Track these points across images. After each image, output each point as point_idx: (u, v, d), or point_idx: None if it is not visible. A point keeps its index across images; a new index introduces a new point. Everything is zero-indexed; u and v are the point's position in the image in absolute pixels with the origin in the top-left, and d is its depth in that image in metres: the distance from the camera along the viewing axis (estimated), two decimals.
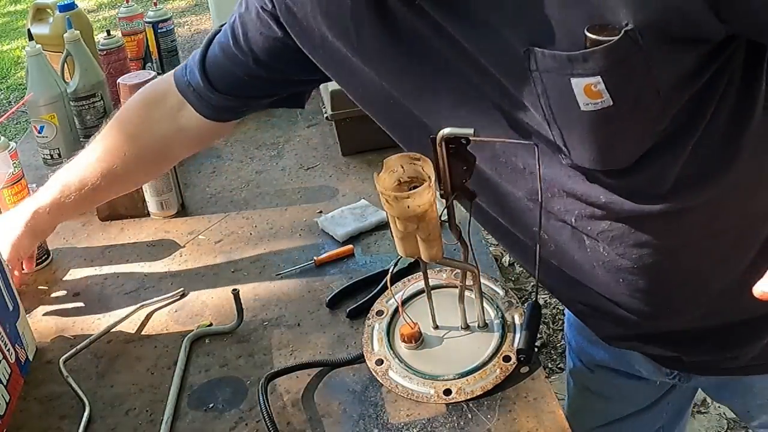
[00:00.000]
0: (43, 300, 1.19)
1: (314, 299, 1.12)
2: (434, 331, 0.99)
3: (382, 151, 1.46)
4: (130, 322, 1.11)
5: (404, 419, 0.89)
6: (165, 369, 1.02)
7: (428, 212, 0.80)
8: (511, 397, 0.90)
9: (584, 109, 0.68)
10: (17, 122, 4.42)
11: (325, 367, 0.98)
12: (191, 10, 6.23)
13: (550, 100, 0.70)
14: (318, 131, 1.63)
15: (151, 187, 1.34)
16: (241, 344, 1.05)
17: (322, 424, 0.90)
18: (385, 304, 1.05)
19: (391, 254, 1.19)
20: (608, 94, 0.66)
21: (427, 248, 0.85)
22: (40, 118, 1.49)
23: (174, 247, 1.29)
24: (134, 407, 0.96)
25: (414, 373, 0.93)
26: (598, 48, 0.63)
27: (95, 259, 1.28)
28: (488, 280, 1.06)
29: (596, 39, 0.63)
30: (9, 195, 1.22)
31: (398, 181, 0.83)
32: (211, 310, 1.12)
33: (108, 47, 1.71)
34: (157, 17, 1.85)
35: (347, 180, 1.43)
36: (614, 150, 0.72)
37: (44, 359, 1.06)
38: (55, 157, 1.52)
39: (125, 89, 1.29)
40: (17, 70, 5.45)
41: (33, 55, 1.46)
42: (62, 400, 0.98)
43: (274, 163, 1.53)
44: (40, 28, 1.77)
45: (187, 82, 1.05)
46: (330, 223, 1.27)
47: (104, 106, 1.58)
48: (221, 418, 0.93)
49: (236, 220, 1.35)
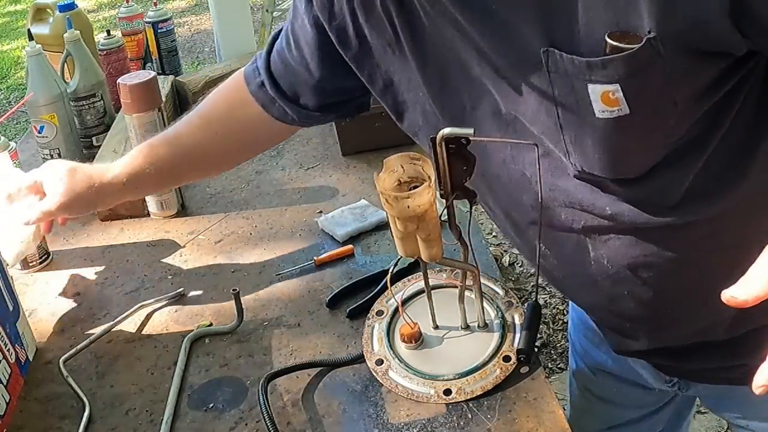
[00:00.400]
0: (43, 300, 1.19)
1: (314, 299, 1.12)
2: (434, 331, 0.99)
3: (382, 151, 1.47)
4: (130, 322, 1.11)
5: (404, 419, 0.89)
6: (165, 369, 1.02)
7: (428, 212, 0.80)
8: (511, 397, 0.90)
9: (599, 116, 0.67)
10: (17, 122, 4.42)
11: (325, 367, 0.98)
12: (191, 10, 6.23)
13: (564, 104, 0.69)
14: (318, 131, 1.63)
15: None
16: (241, 344, 1.05)
17: (322, 424, 0.90)
18: (385, 304, 1.05)
19: (391, 254, 1.19)
20: (626, 102, 0.65)
21: (427, 248, 0.85)
22: (40, 118, 1.49)
23: (174, 247, 1.29)
24: (134, 407, 0.96)
25: (414, 373, 0.93)
26: (618, 55, 0.62)
27: (95, 259, 1.28)
28: (488, 280, 1.06)
29: (617, 46, 0.62)
30: None
31: (398, 181, 0.83)
32: (211, 310, 1.12)
33: (108, 47, 1.71)
34: (157, 17, 1.85)
35: (347, 180, 1.43)
36: (626, 159, 0.71)
37: (44, 359, 1.06)
38: (55, 157, 1.52)
39: (125, 89, 1.28)
40: (17, 70, 5.46)
41: (33, 55, 1.46)
42: (62, 400, 0.98)
43: (274, 163, 1.53)
44: (40, 28, 1.77)
45: (259, 84, 1.04)
46: (330, 223, 1.27)
47: (104, 106, 1.58)
48: (221, 418, 0.93)
49: (236, 220, 1.35)
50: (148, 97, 1.30)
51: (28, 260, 1.24)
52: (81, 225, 1.38)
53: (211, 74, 1.72)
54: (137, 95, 1.29)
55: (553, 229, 0.81)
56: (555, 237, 0.81)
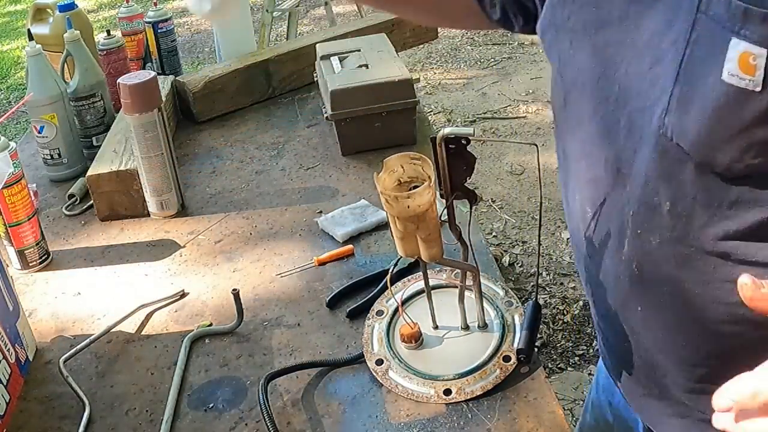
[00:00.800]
0: (43, 300, 1.19)
1: (314, 299, 1.12)
2: (434, 331, 0.99)
3: (382, 151, 1.47)
4: (130, 322, 1.11)
5: (404, 419, 0.89)
6: (165, 369, 1.02)
7: (428, 212, 0.81)
8: (511, 397, 0.90)
9: (725, 78, 0.57)
10: (17, 122, 4.42)
11: (325, 367, 0.98)
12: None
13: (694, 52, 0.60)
14: (318, 131, 1.64)
15: (151, 187, 1.34)
16: (241, 344, 1.05)
17: (322, 424, 0.90)
18: (385, 304, 1.05)
19: (391, 254, 1.19)
20: (763, 76, 0.55)
21: (427, 248, 0.85)
22: (40, 118, 1.49)
23: (174, 247, 1.29)
24: (134, 407, 0.96)
25: (414, 373, 0.93)
26: None
27: (95, 259, 1.28)
28: (488, 280, 1.06)
29: None
30: (9, 195, 1.22)
31: (398, 181, 0.83)
32: (211, 310, 1.12)
33: (108, 47, 1.71)
34: (157, 17, 1.85)
35: (347, 180, 1.43)
36: (722, 143, 0.60)
37: (44, 359, 1.06)
38: (55, 157, 1.52)
39: (125, 89, 1.28)
40: (17, 70, 5.46)
41: (33, 55, 1.46)
42: (62, 400, 0.98)
43: (274, 163, 1.53)
44: (40, 28, 1.77)
45: None
46: (330, 223, 1.27)
47: (104, 106, 1.58)
48: (221, 418, 0.93)
49: (236, 220, 1.35)
50: (148, 97, 1.30)
51: (29, 260, 1.25)
52: (81, 225, 1.38)
53: (211, 74, 1.72)
54: (137, 95, 1.29)
55: (644, 241, 0.70)
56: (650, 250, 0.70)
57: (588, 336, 2.37)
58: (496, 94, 4.05)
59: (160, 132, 1.31)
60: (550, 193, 3.05)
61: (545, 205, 2.99)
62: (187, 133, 1.69)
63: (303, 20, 5.32)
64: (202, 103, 1.71)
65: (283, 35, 4.62)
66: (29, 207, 1.22)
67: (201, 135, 1.68)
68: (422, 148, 1.46)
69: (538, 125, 3.66)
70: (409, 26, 1.97)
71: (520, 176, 3.25)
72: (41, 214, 1.41)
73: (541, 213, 0.81)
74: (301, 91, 1.84)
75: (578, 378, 2.20)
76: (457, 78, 4.34)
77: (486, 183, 3.22)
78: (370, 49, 1.63)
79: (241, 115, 1.75)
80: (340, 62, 1.60)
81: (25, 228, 1.22)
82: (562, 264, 2.69)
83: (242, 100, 1.77)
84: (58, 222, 1.40)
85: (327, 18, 4.06)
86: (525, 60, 4.43)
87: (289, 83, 1.83)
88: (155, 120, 1.31)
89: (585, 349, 2.32)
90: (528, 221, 2.95)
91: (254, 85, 1.78)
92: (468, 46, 4.77)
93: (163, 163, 1.33)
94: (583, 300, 2.50)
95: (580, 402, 2.11)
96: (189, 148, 1.62)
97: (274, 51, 1.83)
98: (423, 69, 4.50)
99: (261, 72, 1.78)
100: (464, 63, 4.53)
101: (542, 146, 3.44)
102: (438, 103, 4.02)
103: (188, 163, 1.55)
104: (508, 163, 3.35)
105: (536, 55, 4.47)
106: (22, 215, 1.21)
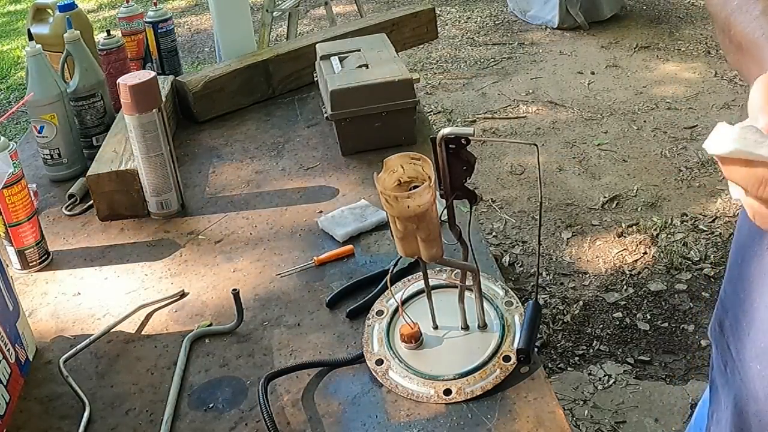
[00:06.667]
0: (43, 300, 1.19)
1: (314, 299, 1.12)
2: (434, 331, 0.99)
3: (382, 151, 1.47)
4: (130, 322, 1.11)
5: (404, 419, 0.89)
6: (165, 369, 1.02)
7: (428, 212, 0.81)
8: (511, 397, 0.90)
9: None
10: (17, 122, 4.42)
11: (325, 367, 0.98)
12: (191, 10, 6.23)
13: None
14: (318, 131, 1.64)
15: (151, 187, 1.34)
16: (241, 344, 1.05)
17: (322, 424, 0.90)
18: (385, 304, 1.05)
19: (391, 254, 1.19)
20: None
21: (427, 248, 0.85)
22: (40, 118, 1.49)
23: (174, 247, 1.29)
24: (134, 407, 0.96)
25: (414, 373, 0.93)
26: None
27: (95, 259, 1.28)
28: (488, 280, 1.06)
29: None
30: (9, 195, 1.22)
31: (398, 181, 0.83)
32: (211, 310, 1.12)
33: (108, 47, 1.71)
34: (157, 17, 1.85)
35: (347, 180, 1.43)
36: None
37: (44, 359, 1.06)
38: (55, 157, 1.52)
39: (125, 89, 1.28)
40: (17, 70, 5.45)
41: (33, 55, 1.46)
42: (62, 400, 0.99)
43: (274, 163, 1.53)
44: (40, 28, 1.77)
45: None
46: (330, 223, 1.27)
47: (104, 106, 1.58)
48: (221, 418, 0.93)
49: (236, 220, 1.35)
50: (148, 97, 1.30)
51: (29, 260, 1.25)
52: (81, 225, 1.38)
53: (211, 74, 1.72)
54: (137, 95, 1.29)
55: None
56: None
57: (588, 336, 2.37)
58: (496, 94, 4.04)
59: (160, 132, 1.32)
60: (550, 193, 3.05)
61: (545, 205, 2.98)
62: (187, 133, 1.69)
63: (303, 20, 5.32)
64: (202, 103, 1.71)
65: (283, 35, 4.62)
66: (29, 207, 1.22)
67: (201, 135, 1.68)
68: (422, 148, 1.46)
69: (538, 125, 3.65)
70: (409, 26, 1.97)
71: (520, 176, 3.25)
72: (41, 214, 1.41)
73: (541, 213, 0.81)
74: (301, 91, 1.84)
75: (578, 378, 2.20)
76: (457, 78, 4.34)
77: (486, 183, 3.22)
78: (370, 49, 1.63)
79: (241, 115, 1.75)
80: (340, 62, 1.60)
81: (25, 228, 1.22)
82: (562, 264, 2.69)
83: (242, 100, 1.77)
84: (58, 222, 1.40)
85: (327, 18, 4.06)
86: (525, 60, 4.42)
87: (289, 83, 1.83)
88: (155, 120, 1.31)
89: (585, 349, 2.31)
90: (528, 221, 2.95)
91: (254, 85, 1.78)
92: (468, 46, 4.77)
93: (163, 163, 1.33)
94: (584, 300, 2.50)
95: (580, 402, 2.11)
96: (189, 148, 1.62)
97: (274, 51, 1.83)
98: (423, 69, 4.50)
99: (261, 72, 1.78)
100: (464, 63, 4.53)
101: (542, 146, 3.44)
102: (438, 103, 4.02)
103: (188, 163, 1.55)
104: (508, 163, 3.35)
105: (536, 55, 4.46)
106: (22, 215, 1.21)
